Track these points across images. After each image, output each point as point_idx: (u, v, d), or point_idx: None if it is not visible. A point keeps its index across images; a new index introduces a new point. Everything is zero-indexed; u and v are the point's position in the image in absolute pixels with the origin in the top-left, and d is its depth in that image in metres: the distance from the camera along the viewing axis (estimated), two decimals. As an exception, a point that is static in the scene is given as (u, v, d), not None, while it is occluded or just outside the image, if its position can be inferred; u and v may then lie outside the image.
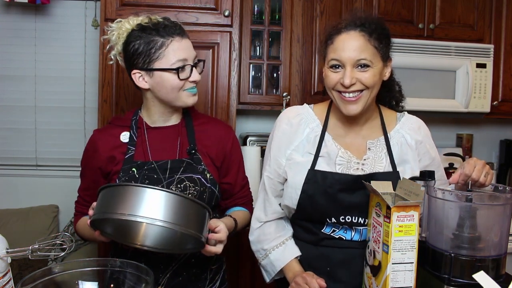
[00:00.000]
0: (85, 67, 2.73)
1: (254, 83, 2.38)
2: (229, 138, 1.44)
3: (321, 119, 1.37)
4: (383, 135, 1.34)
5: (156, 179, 1.30)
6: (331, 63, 1.26)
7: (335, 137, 1.34)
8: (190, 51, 1.31)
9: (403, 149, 1.32)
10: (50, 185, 2.75)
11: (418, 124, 1.38)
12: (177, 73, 1.28)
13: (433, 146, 1.39)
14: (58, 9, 2.70)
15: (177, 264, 1.33)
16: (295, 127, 1.35)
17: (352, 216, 1.28)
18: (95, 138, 1.39)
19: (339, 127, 1.36)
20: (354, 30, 1.24)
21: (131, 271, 1.01)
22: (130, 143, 1.35)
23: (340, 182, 1.27)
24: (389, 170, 1.29)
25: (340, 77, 1.24)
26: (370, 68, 1.23)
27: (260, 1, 2.35)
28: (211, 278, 1.40)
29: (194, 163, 1.34)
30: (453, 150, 2.69)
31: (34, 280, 0.92)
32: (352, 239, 1.30)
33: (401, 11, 2.41)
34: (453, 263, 1.10)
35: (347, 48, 1.23)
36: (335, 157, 1.30)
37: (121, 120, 1.42)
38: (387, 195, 1.12)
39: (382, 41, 1.26)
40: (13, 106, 2.72)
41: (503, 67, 2.52)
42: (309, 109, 1.39)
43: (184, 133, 1.39)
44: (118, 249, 1.38)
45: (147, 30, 1.28)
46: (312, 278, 1.22)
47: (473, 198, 1.12)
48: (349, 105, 1.26)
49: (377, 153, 1.32)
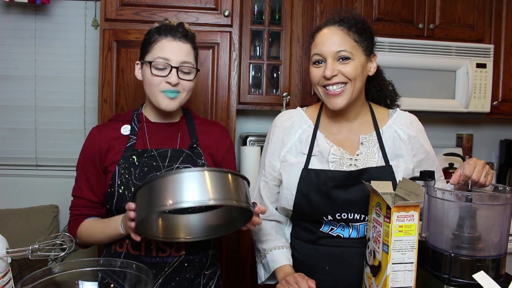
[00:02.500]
0: (85, 67, 2.73)
1: (254, 83, 2.38)
2: (227, 138, 1.49)
3: (313, 119, 1.40)
4: (375, 131, 1.36)
5: (155, 166, 1.31)
6: (313, 59, 1.32)
7: (327, 135, 1.36)
8: (178, 54, 1.32)
9: (396, 143, 1.34)
10: (50, 185, 2.75)
11: (410, 120, 1.40)
12: (150, 67, 1.32)
13: (427, 140, 1.41)
14: (58, 9, 2.70)
15: (170, 269, 1.32)
16: (288, 130, 1.39)
17: (348, 213, 1.29)
18: (94, 133, 1.41)
19: (331, 125, 1.38)
20: (333, 25, 1.30)
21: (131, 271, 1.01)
22: (131, 133, 1.38)
23: (334, 179, 1.28)
24: (381, 165, 1.31)
25: (323, 71, 1.28)
26: (351, 60, 1.27)
27: (260, 1, 2.35)
28: (204, 283, 1.39)
29: (195, 157, 1.37)
30: (453, 150, 2.69)
31: (34, 280, 0.92)
32: (350, 237, 1.30)
33: (401, 11, 2.41)
34: (453, 263, 1.10)
35: (326, 42, 1.28)
36: (328, 154, 1.32)
37: (123, 116, 1.46)
38: (387, 195, 1.13)
39: (363, 35, 1.30)
40: (13, 106, 2.72)
41: (503, 67, 2.52)
42: (301, 111, 1.43)
43: (185, 129, 1.42)
44: (111, 253, 1.36)
45: (156, 28, 1.36)
46: (302, 279, 1.22)
47: (473, 198, 1.12)
48: (333, 99, 1.29)
49: (369, 148, 1.33)
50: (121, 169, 1.32)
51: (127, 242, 1.32)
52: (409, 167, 1.32)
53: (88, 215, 1.38)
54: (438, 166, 1.44)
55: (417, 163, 1.36)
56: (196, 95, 2.03)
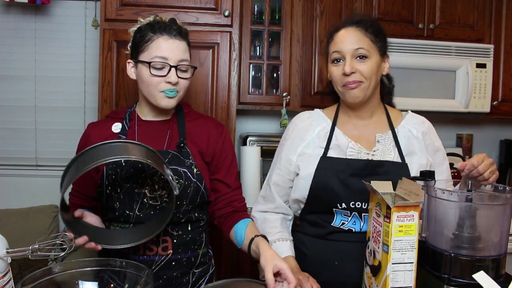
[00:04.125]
0: (85, 67, 2.73)
1: (254, 83, 2.38)
2: (221, 135, 1.44)
3: (331, 118, 1.46)
4: (390, 130, 1.41)
5: (141, 168, 1.31)
6: (333, 56, 1.37)
7: (345, 132, 1.42)
8: (175, 52, 1.30)
9: (410, 141, 1.40)
10: (50, 185, 2.73)
11: (422, 119, 1.48)
12: (149, 68, 1.29)
13: (438, 139, 1.47)
14: (58, 9, 2.70)
15: (156, 267, 1.32)
16: (307, 128, 1.45)
17: (362, 202, 1.31)
18: (88, 130, 1.43)
19: (348, 123, 1.44)
20: (351, 26, 1.37)
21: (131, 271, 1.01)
22: (121, 133, 1.38)
23: (352, 167, 1.33)
24: (398, 161, 1.35)
25: (342, 68, 1.34)
26: (368, 60, 1.34)
27: (260, 1, 2.35)
28: (194, 281, 1.38)
29: (182, 157, 1.35)
30: (453, 150, 2.69)
31: (34, 280, 0.92)
32: (361, 230, 1.32)
33: (401, 11, 2.41)
34: (453, 263, 1.10)
35: (345, 41, 1.35)
36: (346, 148, 1.37)
37: (117, 113, 1.46)
38: (387, 195, 1.13)
39: (378, 36, 1.37)
40: (13, 106, 2.72)
41: (503, 67, 2.52)
42: (319, 111, 1.50)
43: (174, 127, 1.40)
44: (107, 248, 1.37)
45: (148, 26, 1.33)
46: (307, 282, 1.23)
47: (473, 198, 1.12)
48: (351, 91, 1.35)
49: (385, 145, 1.38)
50: (109, 169, 1.32)
51: None
52: (422, 163, 1.36)
53: (82, 206, 1.42)
54: (448, 167, 1.47)
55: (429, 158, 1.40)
56: (196, 95, 2.03)
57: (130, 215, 1.31)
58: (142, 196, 1.30)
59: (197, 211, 1.38)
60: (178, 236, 1.34)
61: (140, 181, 1.30)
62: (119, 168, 1.32)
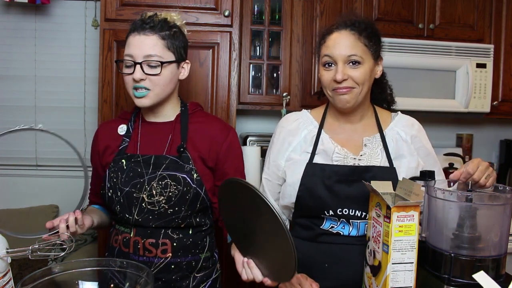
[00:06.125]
0: (85, 67, 2.73)
1: (254, 83, 2.38)
2: (225, 140, 1.37)
3: (318, 120, 1.42)
4: (378, 133, 1.38)
5: (140, 173, 1.31)
6: (323, 60, 1.32)
7: (332, 136, 1.38)
8: (141, 48, 1.25)
9: (399, 144, 1.36)
10: (50, 185, 2.75)
11: (411, 122, 1.43)
12: (123, 67, 1.30)
13: (428, 142, 1.43)
14: (58, 9, 2.70)
15: (155, 269, 1.31)
16: (294, 131, 1.41)
17: (350, 209, 1.29)
18: (98, 129, 1.48)
19: (336, 126, 1.40)
20: (344, 29, 1.31)
21: (131, 271, 1.01)
22: (125, 135, 1.39)
23: (338, 173, 1.30)
24: (385, 165, 1.32)
25: (333, 74, 1.29)
26: (361, 65, 1.29)
27: (260, 1, 2.35)
28: (194, 285, 1.36)
29: (181, 162, 1.31)
30: (453, 150, 2.69)
31: (34, 280, 0.92)
32: (349, 235, 1.31)
33: (401, 11, 2.41)
34: (453, 263, 1.10)
35: (338, 45, 1.29)
36: (332, 153, 1.34)
37: (125, 114, 1.47)
38: (387, 195, 1.13)
39: (372, 40, 1.32)
40: (13, 106, 2.72)
41: (503, 67, 2.52)
42: (307, 113, 1.45)
43: (177, 130, 1.37)
44: (109, 246, 1.40)
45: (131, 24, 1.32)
46: (306, 280, 1.23)
47: (473, 198, 1.12)
48: (341, 96, 1.30)
49: (373, 149, 1.35)
50: (111, 172, 1.33)
51: (119, 239, 1.34)
52: (411, 166, 1.33)
53: (95, 202, 1.51)
54: (440, 168, 1.44)
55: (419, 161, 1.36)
56: (196, 95, 2.03)
57: (130, 219, 1.31)
58: (141, 200, 1.29)
59: (198, 216, 1.36)
60: (178, 240, 1.32)
61: (138, 186, 1.30)
62: (120, 171, 1.32)
